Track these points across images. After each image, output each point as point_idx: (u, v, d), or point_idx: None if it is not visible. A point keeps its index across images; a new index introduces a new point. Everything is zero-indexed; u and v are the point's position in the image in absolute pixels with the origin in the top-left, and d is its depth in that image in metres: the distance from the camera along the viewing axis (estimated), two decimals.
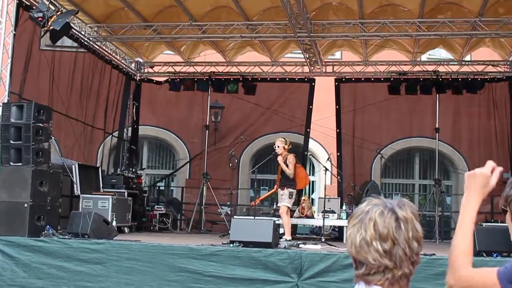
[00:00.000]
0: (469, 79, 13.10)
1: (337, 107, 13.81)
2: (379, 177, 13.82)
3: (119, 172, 12.94)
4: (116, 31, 12.01)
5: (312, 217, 11.21)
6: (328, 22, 11.20)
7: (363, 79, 13.73)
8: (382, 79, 13.47)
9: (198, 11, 11.28)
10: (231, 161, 13.26)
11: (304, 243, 8.94)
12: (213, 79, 13.85)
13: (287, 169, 9.51)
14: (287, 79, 13.99)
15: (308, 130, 13.87)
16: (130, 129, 14.40)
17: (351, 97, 13.90)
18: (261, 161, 11.34)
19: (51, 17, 9.14)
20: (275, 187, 10.23)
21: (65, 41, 11.34)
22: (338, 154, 13.65)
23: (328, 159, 11.21)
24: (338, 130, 13.78)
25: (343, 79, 13.83)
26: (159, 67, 14.32)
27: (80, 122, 12.33)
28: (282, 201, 9.57)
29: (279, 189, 9.78)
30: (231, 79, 13.84)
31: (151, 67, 14.35)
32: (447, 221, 13.88)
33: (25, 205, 8.12)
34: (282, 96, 14.30)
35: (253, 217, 9.92)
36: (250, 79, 13.81)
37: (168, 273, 7.43)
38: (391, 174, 16.49)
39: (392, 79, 13.30)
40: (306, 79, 13.91)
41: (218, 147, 14.35)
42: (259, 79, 13.91)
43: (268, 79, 13.95)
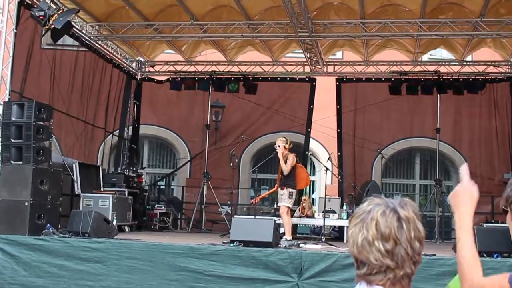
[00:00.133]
0: (470, 79, 13.09)
1: (338, 107, 13.81)
2: (380, 177, 13.81)
3: (119, 171, 12.94)
4: (117, 30, 12.01)
5: (313, 217, 11.22)
6: (329, 22, 11.19)
7: (364, 79, 13.72)
8: (383, 79, 13.46)
9: (199, 10, 11.27)
10: (231, 161, 13.26)
11: (304, 243, 8.94)
12: (214, 78, 13.84)
13: (284, 165, 9.50)
14: (288, 78, 13.97)
15: (309, 130, 13.86)
16: (130, 128, 14.41)
17: (352, 97, 13.90)
18: (261, 161, 11.33)
19: (52, 15, 9.14)
20: (276, 186, 10.22)
21: (66, 40, 11.34)
22: (339, 154, 13.65)
23: (328, 159, 11.21)
24: (339, 130, 13.79)
25: (344, 79, 13.83)
26: (160, 66, 14.32)
27: (80, 121, 12.34)
28: (282, 201, 9.55)
29: (279, 189, 9.76)
30: (232, 78, 13.83)
31: (152, 66, 14.35)
32: (447, 222, 13.86)
33: (26, 203, 8.13)
34: (283, 95, 14.29)
35: (253, 217, 9.92)
36: (251, 78, 13.80)
37: (168, 272, 7.43)
38: (391, 174, 16.48)
39: (393, 79, 13.29)
40: (307, 79, 13.90)
41: (219, 147, 14.35)
42: (260, 78, 13.90)
43: (269, 78, 13.94)
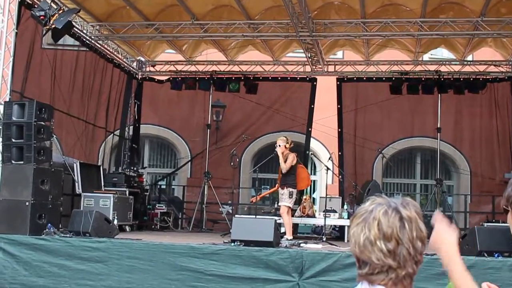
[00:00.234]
0: (471, 79, 13.08)
1: (338, 106, 13.81)
2: (381, 176, 13.81)
3: (120, 171, 12.94)
4: (118, 30, 12.01)
5: (314, 217, 11.22)
6: (330, 21, 11.18)
7: (365, 78, 13.71)
8: (384, 78, 13.45)
9: (200, 10, 11.27)
10: (232, 160, 13.26)
11: (305, 242, 8.93)
12: (214, 78, 13.84)
13: (283, 163, 9.49)
14: (288, 78, 13.96)
15: (310, 130, 13.85)
16: (131, 127, 14.41)
17: (352, 96, 13.89)
18: (262, 160, 11.32)
19: (53, 15, 9.13)
20: (276, 186, 10.22)
21: (67, 39, 11.33)
22: (340, 153, 13.64)
23: (329, 159, 11.17)
24: (339, 130, 13.79)
25: (345, 79, 13.81)
26: (160, 66, 14.32)
27: (81, 121, 12.34)
28: (282, 201, 9.55)
29: (279, 189, 9.76)
30: (233, 78, 13.83)
31: (153, 66, 14.35)
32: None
33: (27, 203, 8.13)
34: (283, 95, 14.28)
35: (254, 216, 9.92)
36: (251, 78, 13.79)
37: (169, 271, 7.43)
38: (392, 174, 16.47)
39: (394, 78, 13.28)
40: (307, 79, 13.89)
41: (220, 146, 14.34)
42: (260, 78, 13.90)
43: (270, 78, 13.93)
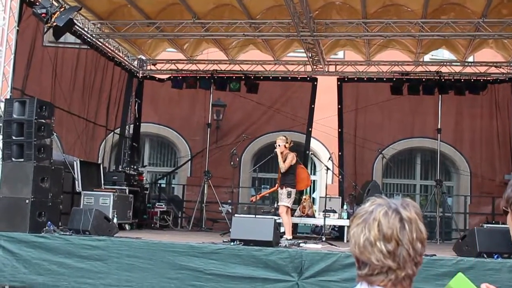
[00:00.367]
0: (472, 80, 13.08)
1: (339, 106, 13.80)
2: (381, 177, 13.80)
3: (120, 169, 12.94)
4: (119, 28, 12.00)
5: (313, 216, 11.23)
6: (331, 21, 11.17)
7: (365, 78, 13.71)
8: (385, 79, 13.44)
9: (201, 9, 11.27)
10: (232, 160, 13.27)
11: (304, 242, 8.94)
12: (215, 77, 13.84)
13: (282, 163, 9.49)
14: (289, 78, 13.96)
15: (310, 129, 13.85)
16: (132, 126, 14.41)
17: (353, 96, 13.89)
18: (262, 160, 11.32)
19: (54, 13, 9.14)
20: (276, 185, 10.22)
21: (68, 37, 11.33)
22: (340, 153, 13.64)
23: (329, 159, 11.18)
24: (340, 130, 13.78)
25: (346, 79, 13.81)
26: (161, 65, 14.32)
27: (82, 119, 12.35)
28: (281, 201, 9.56)
29: (279, 188, 9.77)
30: (234, 77, 13.83)
31: (154, 64, 14.35)
32: (448, 222, 13.89)
33: (27, 201, 8.14)
34: (284, 95, 14.29)
35: (254, 216, 9.92)
36: (252, 77, 13.79)
37: (168, 270, 7.44)
38: (392, 174, 16.47)
39: (394, 79, 13.28)
40: (308, 78, 13.88)
41: (220, 145, 14.35)
42: (261, 77, 13.90)
43: (271, 77, 13.92)
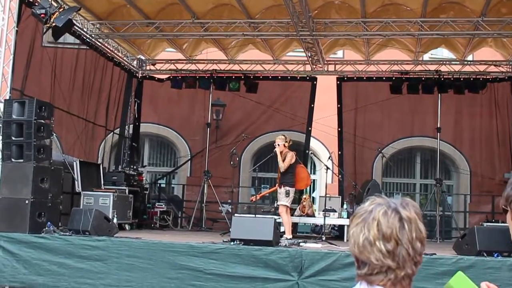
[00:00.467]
0: (471, 79, 13.08)
1: (338, 105, 13.81)
2: (380, 176, 13.80)
3: (120, 169, 12.95)
4: (118, 28, 12.00)
5: (313, 216, 11.23)
6: (331, 20, 11.17)
7: (365, 78, 13.71)
8: (384, 78, 13.44)
9: (200, 8, 11.26)
10: (232, 159, 13.26)
11: (304, 242, 8.93)
12: (215, 77, 13.84)
13: (281, 162, 9.49)
14: (289, 77, 13.96)
15: (310, 129, 13.85)
16: (131, 126, 14.41)
17: (352, 96, 13.89)
18: (262, 159, 11.32)
19: (53, 13, 9.14)
20: (276, 185, 10.22)
21: (67, 38, 11.33)
22: (340, 153, 13.65)
23: (329, 158, 11.17)
24: (339, 129, 13.78)
25: (345, 78, 13.81)
26: (161, 65, 14.32)
27: (81, 119, 12.35)
28: (280, 200, 9.56)
29: (278, 188, 9.77)
30: (233, 77, 13.82)
31: (153, 64, 14.35)
32: (448, 221, 13.88)
33: (26, 201, 8.14)
34: (283, 94, 14.29)
35: (254, 215, 9.92)
36: (252, 77, 13.79)
37: (168, 270, 7.44)
38: (392, 173, 16.46)
39: (394, 78, 13.27)
40: (308, 78, 13.88)
41: (219, 145, 14.35)
42: (261, 77, 13.90)
43: (270, 77, 13.93)
